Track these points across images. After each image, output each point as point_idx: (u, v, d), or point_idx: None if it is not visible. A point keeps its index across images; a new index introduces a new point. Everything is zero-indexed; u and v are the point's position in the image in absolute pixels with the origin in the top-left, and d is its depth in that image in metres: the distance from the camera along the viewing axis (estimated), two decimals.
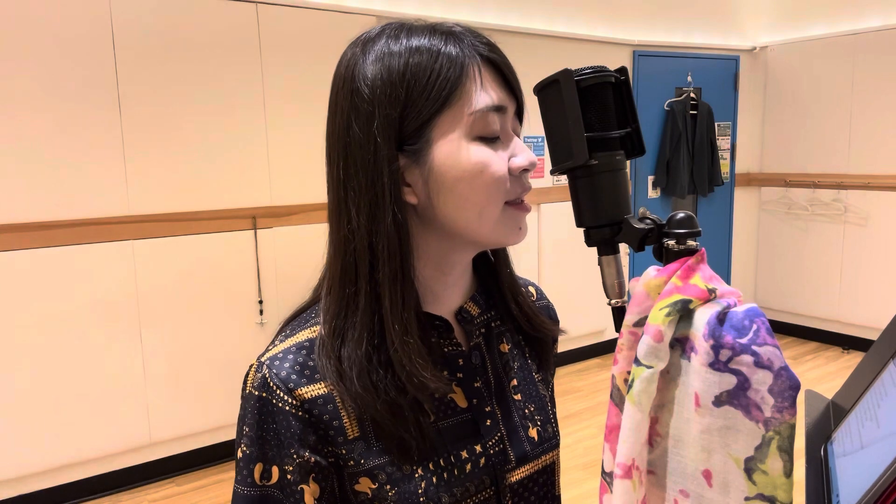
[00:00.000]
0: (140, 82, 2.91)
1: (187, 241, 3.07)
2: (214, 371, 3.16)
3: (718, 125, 4.94)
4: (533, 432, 0.74)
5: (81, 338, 2.85)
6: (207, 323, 3.14)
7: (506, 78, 0.67)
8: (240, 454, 0.66)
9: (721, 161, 4.97)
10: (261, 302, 3.27)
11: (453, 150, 0.64)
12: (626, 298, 0.63)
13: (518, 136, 0.69)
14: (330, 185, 0.68)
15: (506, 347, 0.77)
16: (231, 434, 3.23)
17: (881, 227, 4.50)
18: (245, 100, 3.16)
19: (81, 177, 2.81)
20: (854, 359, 4.52)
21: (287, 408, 0.64)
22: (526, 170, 0.67)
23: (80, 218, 2.82)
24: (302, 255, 3.31)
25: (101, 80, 2.83)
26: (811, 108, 4.82)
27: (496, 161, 0.65)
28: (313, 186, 3.35)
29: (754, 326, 0.52)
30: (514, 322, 0.78)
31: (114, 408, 2.94)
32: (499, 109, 0.66)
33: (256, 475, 0.65)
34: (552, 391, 0.83)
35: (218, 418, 3.19)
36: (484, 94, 0.65)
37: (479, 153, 0.64)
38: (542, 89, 0.64)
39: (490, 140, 0.65)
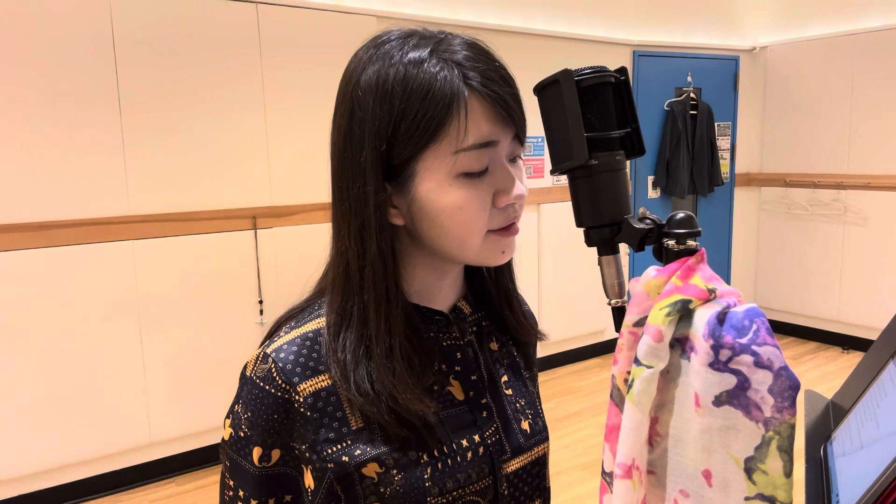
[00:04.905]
0: (140, 82, 2.90)
1: (187, 241, 3.07)
2: (214, 371, 3.16)
3: (718, 125, 4.94)
4: (525, 425, 0.77)
5: (81, 338, 2.85)
6: (207, 323, 3.14)
7: (503, 110, 0.65)
8: (241, 434, 0.67)
9: (721, 161, 4.96)
10: (261, 302, 3.27)
11: (434, 186, 0.65)
12: (626, 298, 0.63)
13: (520, 158, 0.69)
14: (332, 192, 0.70)
15: (495, 345, 0.79)
16: None
17: (881, 227, 4.50)
18: (245, 100, 3.16)
19: (81, 177, 2.81)
20: (854, 359, 4.52)
21: (291, 401, 0.66)
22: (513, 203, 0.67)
23: (80, 218, 2.82)
24: (302, 255, 3.31)
25: (101, 80, 2.82)
26: (811, 108, 4.81)
27: (475, 200, 0.65)
28: (313, 186, 3.35)
29: (754, 326, 0.52)
30: (503, 324, 0.81)
31: (114, 408, 2.94)
32: (487, 145, 0.64)
33: (255, 458, 0.67)
34: (537, 388, 0.87)
35: (218, 418, 3.18)
36: (471, 133, 0.63)
37: (458, 193, 0.64)
38: (541, 89, 0.64)
39: (476, 175, 0.65)
